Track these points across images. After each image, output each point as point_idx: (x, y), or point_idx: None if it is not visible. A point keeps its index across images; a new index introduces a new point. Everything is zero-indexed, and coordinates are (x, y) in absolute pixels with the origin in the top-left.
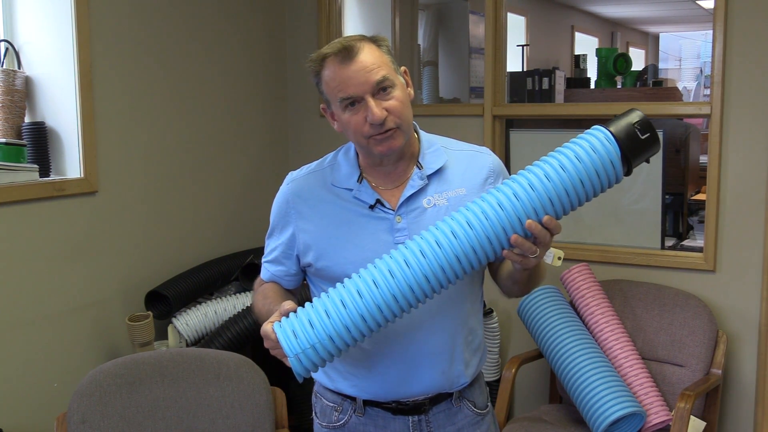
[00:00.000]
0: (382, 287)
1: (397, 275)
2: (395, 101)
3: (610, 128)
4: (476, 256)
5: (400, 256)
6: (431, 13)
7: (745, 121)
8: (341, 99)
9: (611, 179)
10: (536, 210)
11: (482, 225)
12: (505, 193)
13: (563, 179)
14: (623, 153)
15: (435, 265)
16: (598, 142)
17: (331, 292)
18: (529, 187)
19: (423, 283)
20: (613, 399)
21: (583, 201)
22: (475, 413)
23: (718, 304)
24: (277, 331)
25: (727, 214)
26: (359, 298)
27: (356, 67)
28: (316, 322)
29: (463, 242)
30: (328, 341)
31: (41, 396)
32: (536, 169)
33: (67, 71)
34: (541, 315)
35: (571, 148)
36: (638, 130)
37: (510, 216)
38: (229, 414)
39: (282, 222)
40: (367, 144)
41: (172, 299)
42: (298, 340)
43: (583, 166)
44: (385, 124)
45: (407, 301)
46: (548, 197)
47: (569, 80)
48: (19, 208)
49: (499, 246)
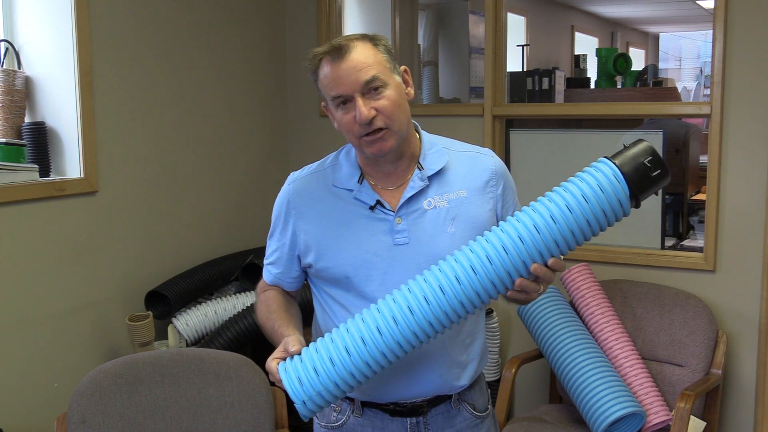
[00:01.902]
0: (385, 335)
1: (400, 321)
2: (386, 101)
3: (619, 164)
4: (479, 299)
5: (404, 301)
6: (431, 13)
7: (745, 121)
8: (333, 97)
9: (618, 216)
10: (542, 253)
11: (486, 270)
12: (509, 235)
13: (569, 221)
14: (632, 191)
15: (438, 311)
16: (605, 179)
17: (335, 335)
18: (534, 229)
19: (426, 328)
20: (613, 399)
21: (589, 238)
22: (474, 416)
23: (718, 304)
24: (282, 375)
25: (727, 214)
26: (363, 345)
27: (347, 65)
28: (321, 370)
29: (466, 287)
30: (333, 387)
31: (41, 396)
32: (542, 208)
33: (67, 71)
34: (541, 315)
35: (578, 186)
36: (649, 167)
37: (514, 260)
38: (229, 414)
39: (283, 223)
40: (359, 144)
41: (172, 299)
42: (304, 387)
43: (590, 206)
44: (373, 123)
45: (411, 345)
46: (554, 239)
47: (569, 80)
48: (19, 208)
49: (504, 288)
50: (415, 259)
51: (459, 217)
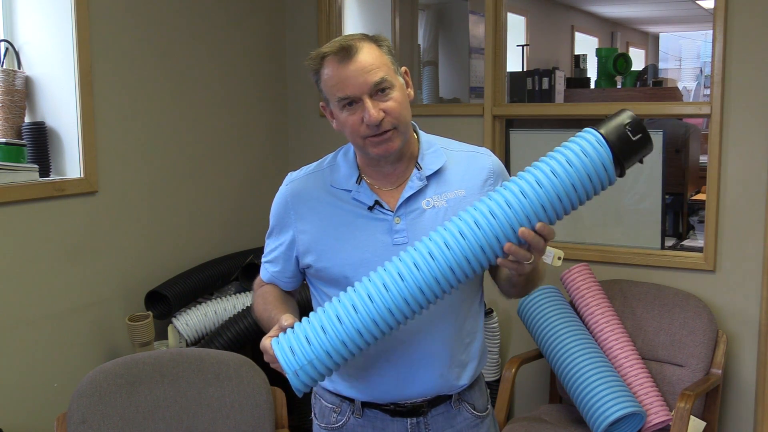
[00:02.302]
0: (376, 301)
1: (391, 288)
2: (393, 102)
3: (601, 130)
4: (470, 265)
5: (394, 269)
6: (431, 13)
7: (745, 121)
8: (339, 99)
9: (604, 182)
10: (529, 217)
11: (474, 235)
12: (496, 201)
13: (555, 185)
14: (615, 156)
15: (429, 277)
16: (589, 145)
17: (327, 307)
18: (520, 194)
19: (417, 295)
20: (613, 399)
21: (576, 205)
22: (474, 416)
23: (718, 304)
24: (275, 347)
25: (727, 214)
26: (354, 313)
27: (355, 67)
28: (313, 338)
29: (455, 253)
30: (325, 357)
31: (41, 396)
32: (527, 176)
33: (67, 71)
34: (541, 315)
35: (562, 153)
36: (630, 131)
37: (502, 224)
38: (229, 414)
39: (281, 223)
40: (363, 145)
41: (172, 299)
42: (296, 356)
43: (574, 170)
44: (381, 125)
45: (402, 314)
46: (540, 204)
47: (569, 80)
48: (19, 208)
49: (493, 255)
50: None
51: None
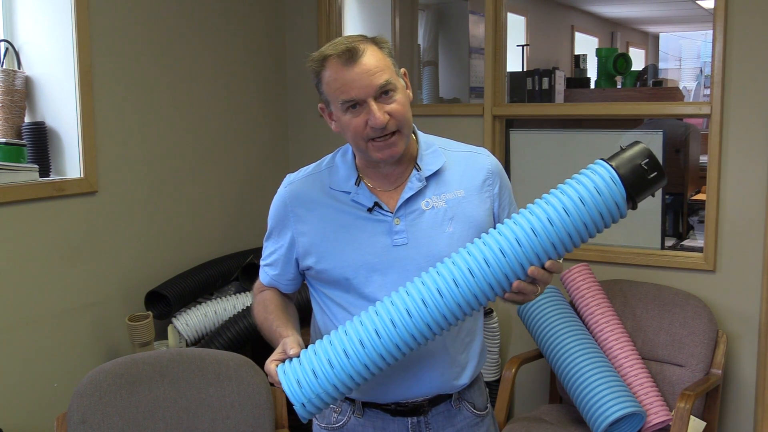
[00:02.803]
0: (383, 337)
1: (398, 325)
2: (397, 105)
3: (616, 166)
4: (477, 301)
5: (402, 305)
6: (431, 13)
7: (745, 121)
8: (343, 101)
9: (615, 218)
10: (539, 256)
11: (484, 273)
12: (506, 238)
13: (566, 224)
14: (628, 193)
15: (436, 313)
16: (602, 181)
17: (333, 338)
18: (531, 232)
19: (424, 330)
20: (613, 399)
21: (586, 240)
22: (474, 415)
23: (718, 304)
24: (281, 377)
25: (727, 214)
26: (361, 348)
27: (359, 69)
28: (320, 372)
29: (464, 290)
30: (332, 389)
31: (41, 396)
32: (539, 211)
33: (67, 71)
34: (541, 315)
35: (574, 188)
36: (646, 168)
37: (512, 263)
38: (229, 414)
39: (280, 225)
40: (366, 147)
41: (172, 299)
42: (303, 389)
43: (587, 209)
44: (386, 127)
45: (408, 347)
46: (551, 242)
47: (569, 80)
48: (19, 208)
49: (501, 290)
50: (414, 260)
51: (457, 217)
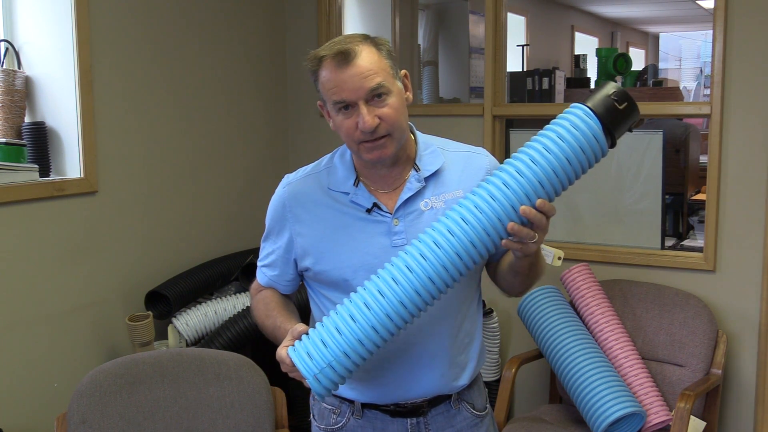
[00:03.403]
0: (388, 296)
1: (401, 281)
2: (389, 109)
3: (588, 103)
4: (476, 250)
5: (401, 262)
6: (431, 13)
7: (745, 121)
8: (335, 102)
9: (597, 154)
10: (528, 195)
11: (477, 219)
12: (494, 184)
13: (549, 161)
14: (604, 125)
15: (437, 266)
16: (577, 119)
17: (339, 308)
18: (516, 173)
19: (428, 285)
20: (613, 399)
21: (573, 179)
22: (474, 415)
23: (718, 304)
24: (292, 355)
25: (727, 214)
26: (367, 310)
27: (352, 71)
28: (329, 341)
29: (461, 239)
30: (343, 357)
31: (41, 396)
32: (521, 155)
33: (67, 71)
34: (541, 315)
35: (553, 129)
36: (615, 101)
37: (503, 206)
38: (229, 414)
39: (278, 226)
40: (357, 149)
41: (172, 299)
42: (314, 361)
43: (566, 144)
44: (376, 131)
45: (415, 306)
46: (537, 181)
47: (569, 80)
48: (19, 208)
49: (498, 237)
50: None
51: None
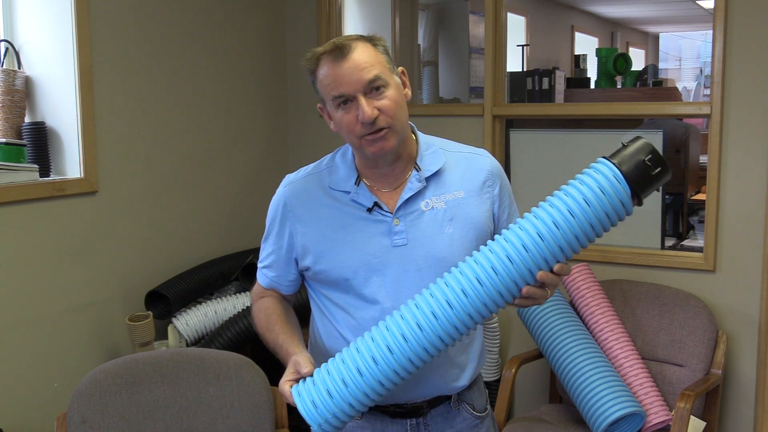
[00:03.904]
0: (396, 353)
1: (410, 339)
2: (388, 101)
3: (619, 164)
4: (487, 309)
5: (412, 318)
6: (431, 13)
7: (745, 121)
8: (333, 97)
9: (621, 216)
10: (546, 260)
11: (492, 281)
12: (513, 245)
13: (572, 226)
14: (633, 190)
15: (447, 325)
16: (606, 181)
17: (347, 357)
18: (538, 237)
19: (436, 343)
20: (613, 399)
21: (593, 240)
22: (473, 416)
23: (718, 304)
24: (296, 399)
25: (727, 214)
26: (375, 366)
27: (349, 65)
28: (335, 392)
29: (473, 300)
30: (348, 408)
31: (41, 396)
32: (544, 215)
33: (67, 71)
34: (541, 315)
35: (579, 189)
36: (649, 165)
37: (520, 269)
38: (229, 414)
39: (279, 225)
40: (359, 144)
41: (172, 299)
42: (319, 410)
43: (592, 210)
44: (376, 123)
45: (422, 360)
46: (558, 246)
47: (569, 80)
48: (19, 208)
49: (510, 297)
50: (413, 260)
51: (457, 218)
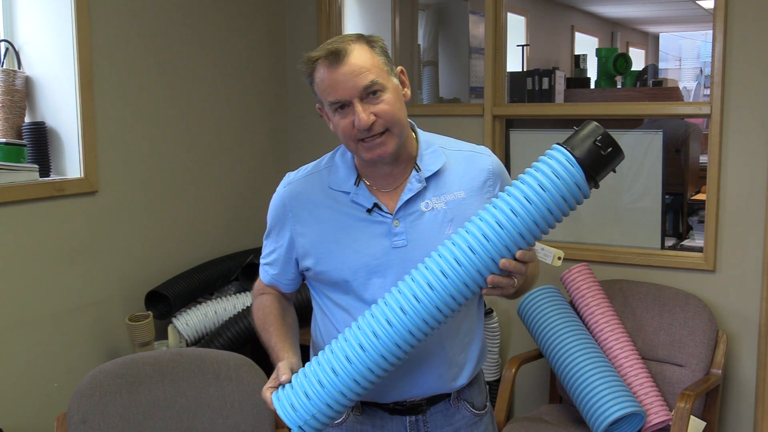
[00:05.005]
0: (368, 350)
1: (381, 336)
2: (385, 105)
3: (571, 148)
4: (455, 302)
5: (382, 315)
6: (431, 13)
7: (745, 121)
8: (330, 102)
9: (579, 199)
10: (508, 247)
11: (456, 273)
12: (474, 236)
13: (530, 212)
14: (587, 173)
15: (416, 320)
16: (559, 166)
17: (321, 359)
18: (497, 225)
19: (407, 338)
20: (613, 399)
21: (554, 225)
22: (473, 414)
23: (718, 304)
24: (276, 404)
25: (727, 214)
26: (348, 364)
27: (344, 70)
28: (312, 394)
29: (439, 293)
30: (326, 408)
31: (41, 396)
32: (502, 205)
33: (67, 71)
34: (541, 315)
35: (534, 177)
36: (599, 146)
37: (482, 259)
38: (229, 414)
39: (279, 225)
40: (356, 149)
41: (172, 299)
42: (297, 413)
43: (548, 194)
44: (372, 128)
45: (396, 357)
46: (518, 233)
47: (569, 80)
48: (19, 208)
49: (477, 288)
50: (413, 262)
51: (457, 219)
